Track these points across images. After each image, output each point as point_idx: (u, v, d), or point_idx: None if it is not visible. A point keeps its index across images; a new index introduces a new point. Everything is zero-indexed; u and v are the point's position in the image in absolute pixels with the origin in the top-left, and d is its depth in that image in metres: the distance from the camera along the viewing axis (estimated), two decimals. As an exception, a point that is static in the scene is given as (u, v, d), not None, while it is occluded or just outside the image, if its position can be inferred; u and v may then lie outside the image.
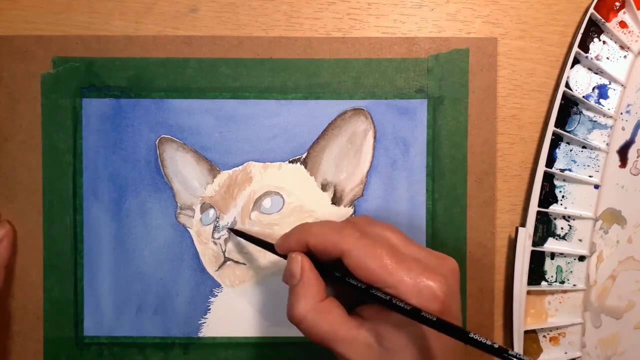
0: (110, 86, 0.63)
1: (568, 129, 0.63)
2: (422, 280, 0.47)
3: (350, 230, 0.50)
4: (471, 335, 0.44)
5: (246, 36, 0.63)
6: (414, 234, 0.64)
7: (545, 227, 0.64)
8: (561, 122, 0.63)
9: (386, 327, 0.49)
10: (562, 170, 0.63)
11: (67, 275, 0.63)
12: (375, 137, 0.64)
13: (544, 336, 0.64)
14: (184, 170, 0.64)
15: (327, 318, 0.50)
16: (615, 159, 0.64)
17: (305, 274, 0.51)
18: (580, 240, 0.64)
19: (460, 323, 0.51)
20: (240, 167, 0.64)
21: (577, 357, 0.64)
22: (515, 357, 0.42)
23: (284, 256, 0.54)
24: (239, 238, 0.63)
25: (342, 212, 0.64)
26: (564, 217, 0.64)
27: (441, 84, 0.63)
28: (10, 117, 0.63)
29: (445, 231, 0.64)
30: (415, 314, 0.46)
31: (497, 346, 0.43)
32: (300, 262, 0.52)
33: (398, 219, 0.64)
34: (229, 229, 0.63)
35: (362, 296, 0.50)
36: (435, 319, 0.45)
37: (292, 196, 0.64)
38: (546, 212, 0.63)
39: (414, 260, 0.49)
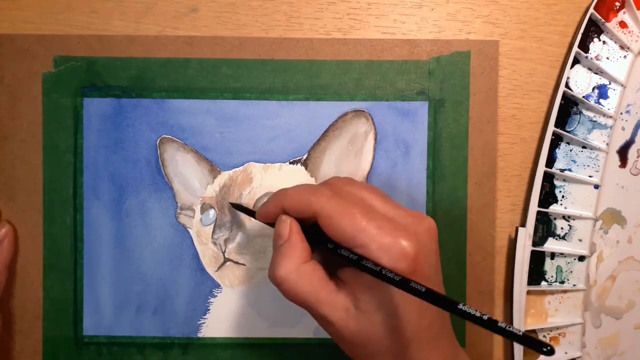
0: (111, 86, 0.63)
1: (568, 129, 0.63)
2: (392, 238, 0.47)
3: (324, 190, 0.51)
4: (460, 306, 0.42)
5: (248, 37, 0.63)
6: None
7: (545, 227, 0.64)
8: (561, 122, 0.63)
9: (360, 289, 0.49)
10: (562, 170, 0.63)
11: (66, 274, 0.63)
12: (375, 139, 0.64)
13: (544, 336, 0.64)
14: (184, 170, 0.64)
15: (309, 280, 0.50)
16: (615, 159, 0.64)
17: (293, 235, 0.52)
18: (580, 240, 0.64)
19: (436, 285, 0.51)
20: (241, 167, 0.64)
21: (577, 357, 0.64)
22: (504, 329, 0.40)
23: (269, 224, 0.55)
24: (239, 239, 0.63)
25: (342, 214, 0.64)
26: (564, 217, 0.64)
27: (442, 86, 0.63)
28: (11, 116, 0.63)
29: (444, 233, 0.63)
30: (386, 277, 0.46)
31: (486, 318, 0.41)
32: (289, 224, 0.52)
33: (398, 220, 0.64)
34: (230, 202, 0.64)
35: (347, 262, 0.49)
36: (419, 287, 0.44)
37: (292, 197, 0.64)
38: (546, 212, 0.63)
39: (387, 219, 0.49)
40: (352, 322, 0.49)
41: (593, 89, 0.63)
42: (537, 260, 0.64)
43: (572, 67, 0.63)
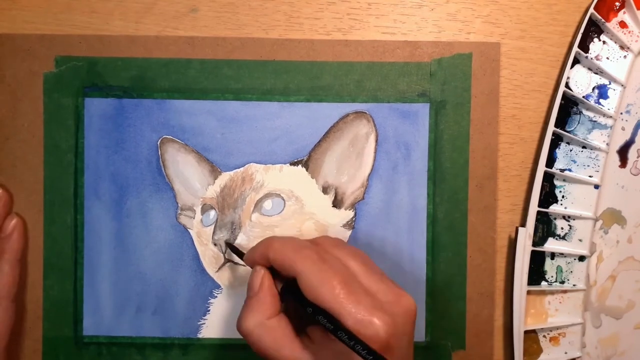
0: (112, 86, 0.63)
1: (568, 129, 0.63)
2: (367, 317, 0.47)
3: (309, 252, 0.51)
4: None
5: (249, 38, 0.63)
6: (414, 238, 0.64)
7: (545, 227, 0.64)
8: (561, 122, 0.63)
9: (327, 354, 0.50)
10: (562, 170, 0.63)
11: (67, 274, 0.63)
12: (377, 141, 0.64)
13: (544, 336, 0.64)
14: (185, 171, 0.64)
15: (273, 335, 0.51)
16: (615, 159, 0.64)
17: (263, 289, 0.52)
18: (580, 240, 0.64)
19: None
20: (242, 168, 0.64)
21: (577, 357, 0.64)
22: None
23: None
24: (239, 240, 0.63)
25: (343, 215, 0.64)
26: (564, 217, 0.64)
27: (443, 88, 0.63)
28: (12, 115, 0.63)
29: (445, 235, 0.63)
30: (355, 342, 0.46)
31: None
32: (261, 277, 0.53)
33: (398, 222, 0.64)
34: (226, 242, 0.63)
35: (312, 318, 0.50)
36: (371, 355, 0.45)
37: (293, 198, 0.64)
38: (546, 212, 0.63)
39: (367, 294, 0.50)
40: None
41: (593, 89, 0.63)
42: (537, 260, 0.64)
43: (572, 67, 0.63)
